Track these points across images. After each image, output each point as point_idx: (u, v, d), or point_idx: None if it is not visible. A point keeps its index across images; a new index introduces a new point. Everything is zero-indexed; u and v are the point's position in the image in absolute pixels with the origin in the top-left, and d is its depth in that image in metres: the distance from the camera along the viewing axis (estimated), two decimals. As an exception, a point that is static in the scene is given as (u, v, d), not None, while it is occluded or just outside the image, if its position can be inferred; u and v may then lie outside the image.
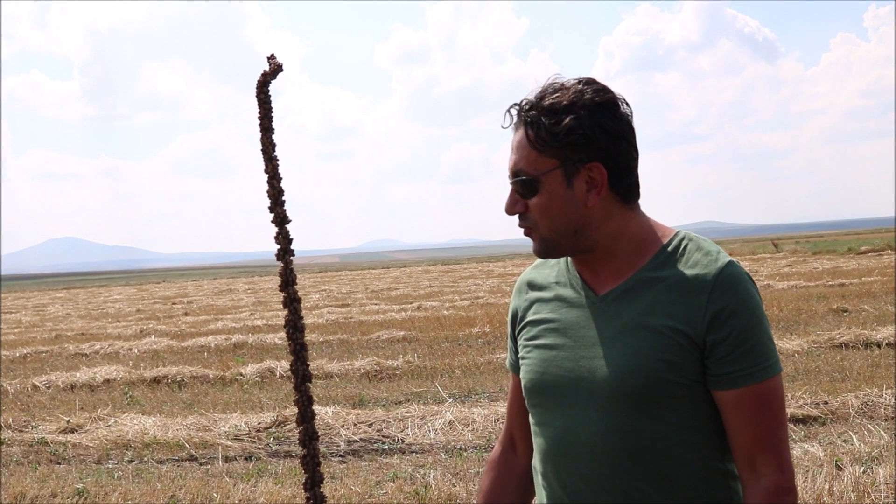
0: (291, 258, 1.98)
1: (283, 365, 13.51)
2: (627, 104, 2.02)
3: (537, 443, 2.15)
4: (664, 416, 1.97)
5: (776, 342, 12.22)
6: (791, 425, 8.43)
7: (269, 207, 1.96)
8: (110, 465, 8.70)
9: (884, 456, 7.00)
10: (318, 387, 11.98)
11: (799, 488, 6.31)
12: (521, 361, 2.18)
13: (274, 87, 2.01)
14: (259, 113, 1.99)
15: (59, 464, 8.87)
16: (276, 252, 1.96)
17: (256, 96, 1.98)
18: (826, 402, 8.96)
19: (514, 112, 2.03)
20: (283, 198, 1.97)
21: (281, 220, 1.96)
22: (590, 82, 2.00)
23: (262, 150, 1.97)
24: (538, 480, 2.17)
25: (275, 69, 2.01)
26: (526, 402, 2.18)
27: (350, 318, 22.57)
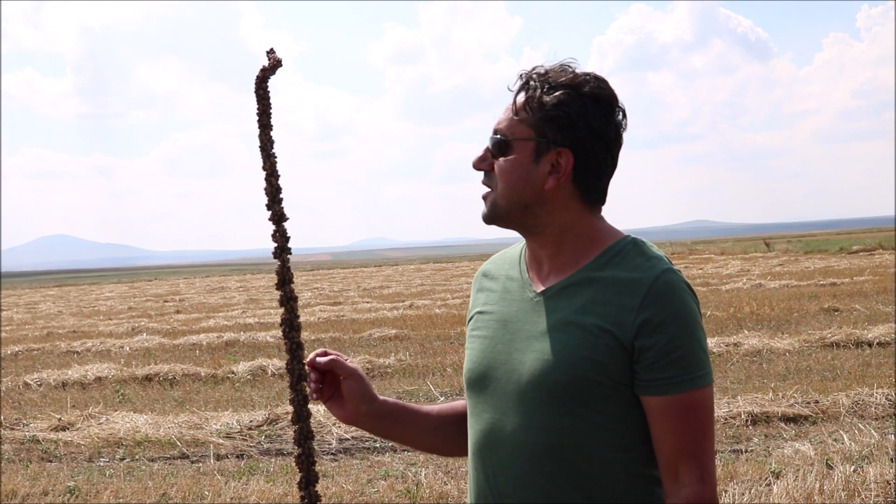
0: (289, 256, 1.98)
1: (274, 363, 13.50)
2: (625, 114, 2.03)
3: (469, 434, 2.15)
4: (587, 416, 1.96)
5: (768, 340, 12.27)
6: (782, 424, 8.46)
7: (267, 205, 1.95)
8: (102, 463, 8.69)
9: (874, 455, 7.02)
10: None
11: (789, 487, 6.32)
12: (465, 350, 2.21)
13: (269, 85, 1.99)
14: (258, 109, 1.98)
15: (51, 462, 8.86)
16: (273, 250, 1.95)
17: (255, 92, 1.97)
18: (817, 402, 8.99)
19: (521, 75, 2.05)
20: (281, 195, 1.96)
21: (278, 217, 1.95)
22: (598, 78, 2.01)
23: (260, 146, 1.96)
24: (469, 470, 2.18)
25: (274, 64, 1.99)
26: (465, 391, 2.20)
27: (342, 316, 22.56)
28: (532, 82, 2.01)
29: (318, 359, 2.18)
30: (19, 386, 13.44)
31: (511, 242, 2.25)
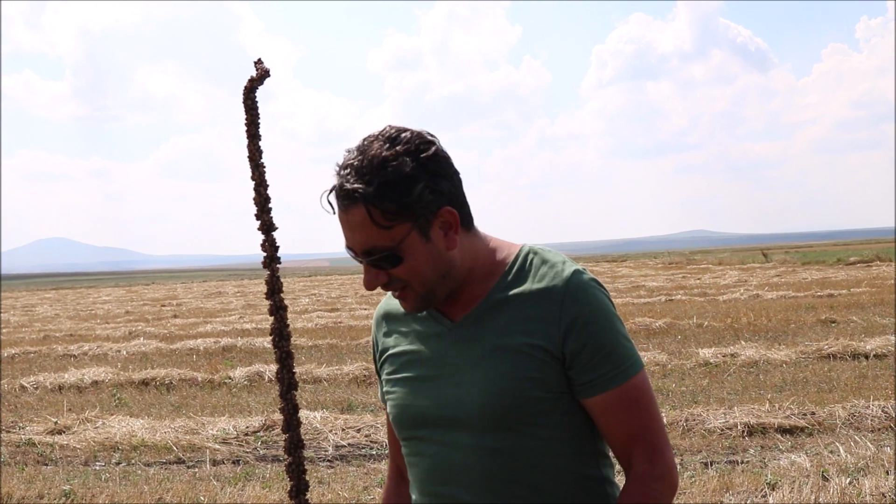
0: (278, 266, 1.98)
1: (271, 369, 13.49)
2: (432, 135, 1.99)
3: (412, 474, 2.15)
4: (536, 432, 1.99)
5: (765, 351, 12.27)
6: (778, 435, 8.46)
7: (256, 215, 1.96)
8: (97, 467, 8.69)
9: (870, 467, 7.02)
10: (306, 391, 11.97)
11: (785, 499, 6.32)
12: (386, 396, 2.19)
13: (266, 92, 2.00)
14: (246, 119, 1.98)
15: (47, 465, 8.85)
16: (262, 259, 1.96)
17: (243, 102, 1.97)
18: (813, 413, 8.98)
19: (335, 197, 1.94)
20: (270, 205, 1.96)
21: (267, 227, 1.96)
22: (399, 135, 1.94)
23: (248, 157, 1.96)
24: None
25: (262, 74, 2.00)
26: (397, 435, 2.19)
27: (339, 322, 22.55)
28: (367, 195, 1.89)
29: None
30: (16, 389, 13.43)
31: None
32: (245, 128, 1.98)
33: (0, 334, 24.08)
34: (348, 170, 1.91)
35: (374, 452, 8.67)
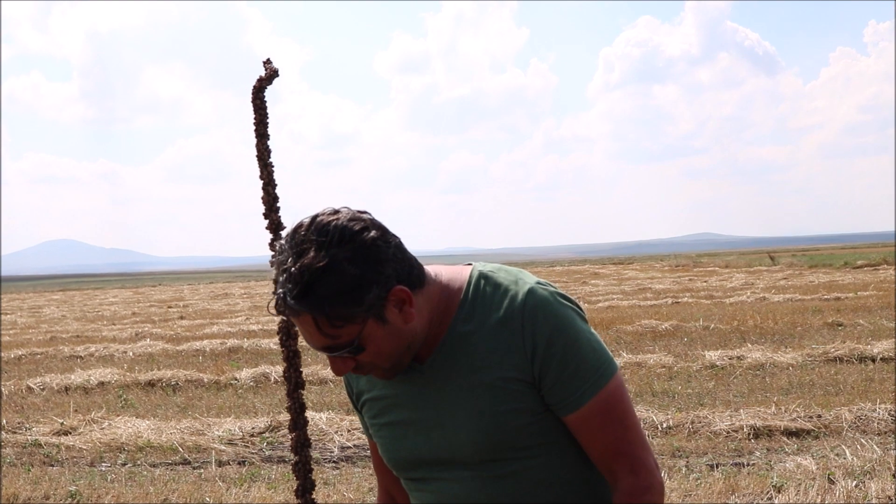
0: (286, 265, 1.98)
1: (277, 370, 13.49)
2: (362, 212, 1.94)
3: None
4: (533, 453, 2.01)
5: (771, 354, 12.24)
6: (784, 438, 8.44)
7: (264, 214, 1.96)
8: (103, 468, 8.70)
9: (876, 470, 7.01)
10: (312, 392, 11.97)
11: (791, 501, 6.31)
12: (374, 438, 2.20)
13: (273, 94, 1.99)
14: (255, 119, 1.98)
15: (53, 466, 8.86)
16: (270, 258, 1.96)
17: (252, 102, 1.98)
18: (819, 416, 8.97)
19: (283, 308, 1.90)
20: (278, 205, 1.97)
21: (276, 226, 1.96)
22: (327, 229, 1.88)
23: (257, 156, 1.97)
24: None
25: (271, 74, 2.00)
26: (395, 474, 2.21)
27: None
28: (312, 306, 1.86)
29: None
30: (22, 390, 13.45)
31: (517, 252, 2.23)
32: (254, 127, 1.98)
33: (0, 336, 24.12)
34: (286, 276, 1.86)
35: (380, 454, 8.67)
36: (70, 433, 9.93)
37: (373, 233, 1.90)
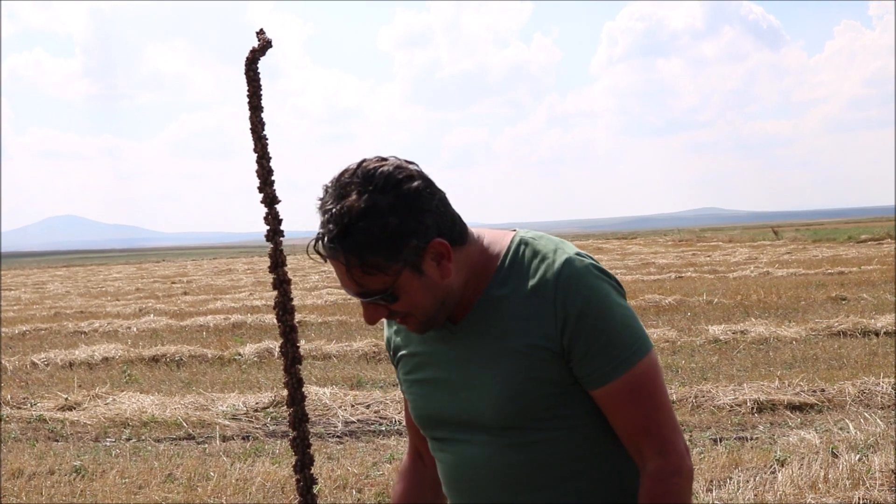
0: (281, 239, 1.97)
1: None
2: (410, 163, 1.93)
3: (439, 469, 2.16)
4: (554, 425, 1.98)
5: (775, 328, 12.25)
6: (787, 412, 8.45)
7: (259, 188, 1.94)
8: (108, 443, 8.72)
9: (880, 444, 7.01)
10: (316, 368, 11.99)
11: (794, 475, 6.32)
12: (405, 394, 2.20)
13: (276, 69, 1.99)
14: (248, 91, 1.96)
15: (57, 441, 8.89)
16: (265, 232, 1.95)
17: (245, 74, 1.95)
18: (823, 390, 8.97)
19: (321, 249, 1.91)
20: (273, 178, 1.95)
21: (270, 200, 1.94)
22: (373, 173, 1.88)
23: (251, 128, 1.95)
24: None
25: (263, 45, 1.97)
26: (421, 433, 2.21)
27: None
28: (350, 249, 1.87)
29: None
30: (26, 365, 13.48)
31: (522, 226, 2.22)
32: (247, 99, 1.96)
33: (0, 312, 24.18)
34: (326, 217, 1.88)
35: (384, 428, 8.69)
36: (74, 409, 9.96)
37: (417, 183, 1.90)
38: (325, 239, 1.88)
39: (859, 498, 5.93)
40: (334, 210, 1.87)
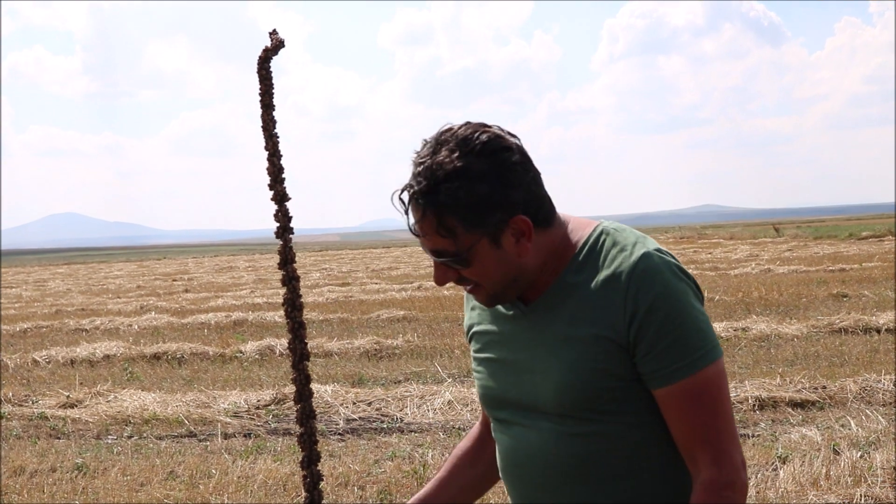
0: (290, 236, 1.98)
1: (282, 343, 13.51)
2: (511, 136, 1.93)
3: (497, 452, 2.16)
4: (614, 420, 1.95)
5: (776, 325, 12.23)
6: (789, 409, 8.46)
7: (269, 185, 1.95)
8: (109, 441, 8.73)
9: (881, 441, 7.02)
10: (317, 365, 12.00)
11: (796, 472, 6.32)
12: (474, 371, 2.19)
13: (276, 66, 1.98)
14: (260, 89, 1.97)
15: (59, 438, 8.90)
16: (275, 230, 1.95)
17: (257, 72, 1.96)
18: (824, 387, 8.98)
19: (405, 199, 1.92)
20: (283, 175, 1.96)
21: (280, 197, 1.95)
22: (473, 138, 1.88)
23: (262, 126, 1.96)
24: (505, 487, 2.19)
25: (276, 45, 1.98)
26: (485, 412, 2.21)
27: (350, 296, 22.58)
28: (433, 204, 1.88)
29: None
30: (28, 363, 13.49)
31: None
32: (259, 98, 1.97)
33: (0, 309, 24.19)
34: (419, 171, 1.89)
35: (385, 426, 8.70)
36: (76, 406, 9.97)
37: (515, 156, 1.89)
38: (412, 191, 1.89)
39: (861, 495, 5.93)
40: (427, 163, 1.87)
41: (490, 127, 1.91)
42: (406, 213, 1.92)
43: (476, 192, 1.86)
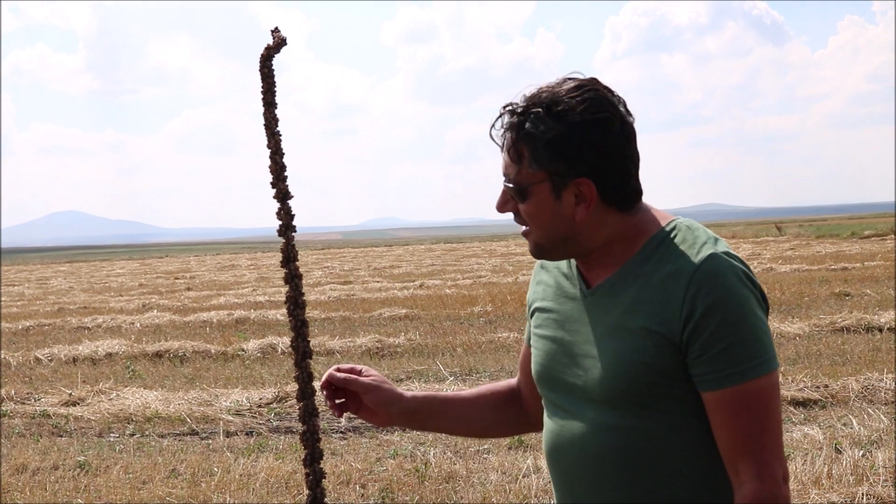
0: (293, 234, 1.98)
1: (284, 341, 13.52)
2: (626, 107, 1.94)
3: (544, 436, 2.15)
4: (656, 417, 1.93)
5: (778, 324, 12.22)
6: (791, 408, 8.45)
7: (272, 183, 1.95)
8: (112, 439, 8.74)
9: (883, 440, 7.02)
10: (319, 364, 12.00)
11: (798, 471, 6.32)
12: (532, 347, 2.18)
13: (279, 64, 1.99)
14: (262, 87, 1.97)
15: (61, 436, 8.91)
16: (277, 228, 1.95)
17: (260, 70, 1.96)
18: (826, 386, 8.97)
19: (505, 116, 1.96)
20: (286, 173, 1.96)
21: (283, 195, 1.95)
22: (586, 88, 1.92)
23: (264, 125, 1.96)
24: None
25: (279, 43, 1.99)
26: (537, 390, 2.19)
27: (352, 295, 22.58)
28: (521, 126, 1.92)
29: (336, 374, 2.26)
30: (30, 361, 13.50)
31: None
32: (262, 96, 1.97)
33: (0, 308, 24.21)
34: (534, 90, 1.94)
35: (387, 424, 8.69)
36: (78, 404, 9.98)
37: (613, 127, 1.90)
38: (507, 111, 1.95)
39: (863, 493, 5.93)
40: (538, 89, 1.93)
41: (615, 95, 1.94)
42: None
43: (552, 132, 1.89)
